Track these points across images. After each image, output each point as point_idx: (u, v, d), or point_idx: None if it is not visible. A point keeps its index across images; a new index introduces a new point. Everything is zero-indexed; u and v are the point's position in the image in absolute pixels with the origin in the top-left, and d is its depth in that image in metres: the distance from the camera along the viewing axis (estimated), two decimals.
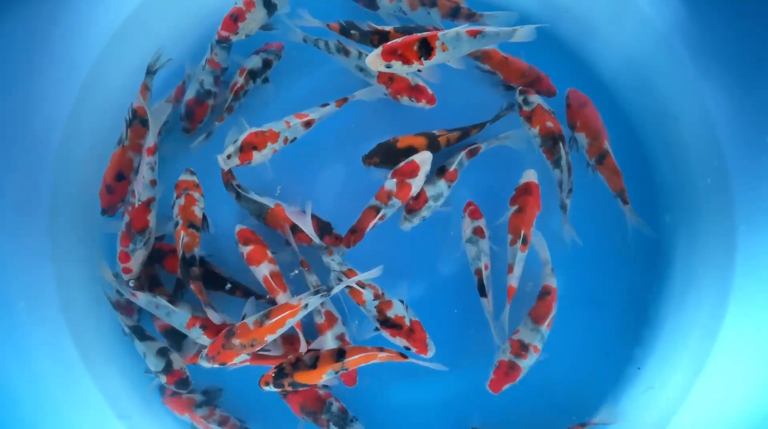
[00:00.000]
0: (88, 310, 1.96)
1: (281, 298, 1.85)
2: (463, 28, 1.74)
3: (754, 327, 1.83)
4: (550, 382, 1.96)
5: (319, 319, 1.88)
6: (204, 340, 1.83)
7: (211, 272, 1.94)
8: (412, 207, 1.95)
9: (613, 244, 2.03)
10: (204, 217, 1.92)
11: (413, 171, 1.90)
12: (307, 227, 1.89)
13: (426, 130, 2.01)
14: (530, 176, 1.96)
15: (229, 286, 1.94)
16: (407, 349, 1.83)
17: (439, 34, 1.73)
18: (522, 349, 1.84)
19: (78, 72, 2.05)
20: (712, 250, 1.97)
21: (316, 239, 1.89)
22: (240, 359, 1.76)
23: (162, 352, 1.84)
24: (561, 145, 1.95)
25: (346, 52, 2.05)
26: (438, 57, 1.75)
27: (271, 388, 1.74)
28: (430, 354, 1.83)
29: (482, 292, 1.89)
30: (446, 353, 1.88)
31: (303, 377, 1.72)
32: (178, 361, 1.85)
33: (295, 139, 1.97)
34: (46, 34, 1.95)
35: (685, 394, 1.88)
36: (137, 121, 1.95)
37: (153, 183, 1.88)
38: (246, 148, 1.89)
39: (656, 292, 2.04)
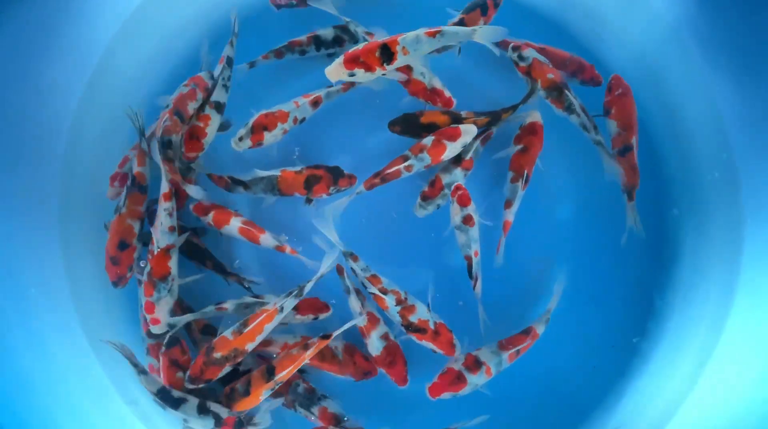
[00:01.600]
0: (96, 297, 1.98)
1: (265, 238, 1.91)
2: (421, 30, 1.77)
3: (761, 319, 1.83)
4: (555, 374, 1.98)
5: (362, 322, 1.88)
6: None
7: (195, 245, 1.97)
8: (428, 194, 1.95)
9: (620, 237, 2.03)
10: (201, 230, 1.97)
11: (453, 135, 1.88)
12: (332, 235, 1.90)
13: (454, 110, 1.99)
14: (535, 116, 1.97)
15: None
16: (433, 351, 1.85)
17: (399, 38, 1.76)
18: (475, 364, 1.82)
19: (88, 61, 2.05)
20: (720, 244, 1.97)
21: (340, 246, 1.90)
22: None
23: (203, 409, 1.75)
24: (567, 92, 1.95)
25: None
26: (399, 61, 1.79)
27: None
28: (456, 354, 1.86)
29: (471, 276, 1.89)
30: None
31: (242, 404, 1.74)
32: (221, 408, 1.77)
33: (304, 119, 1.98)
34: (57, 22, 1.95)
35: (691, 385, 1.89)
36: (136, 188, 1.92)
37: (171, 229, 1.85)
38: (257, 130, 1.92)
39: (663, 284, 2.05)
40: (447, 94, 2.00)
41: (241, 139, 1.93)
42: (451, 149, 1.89)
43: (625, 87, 1.99)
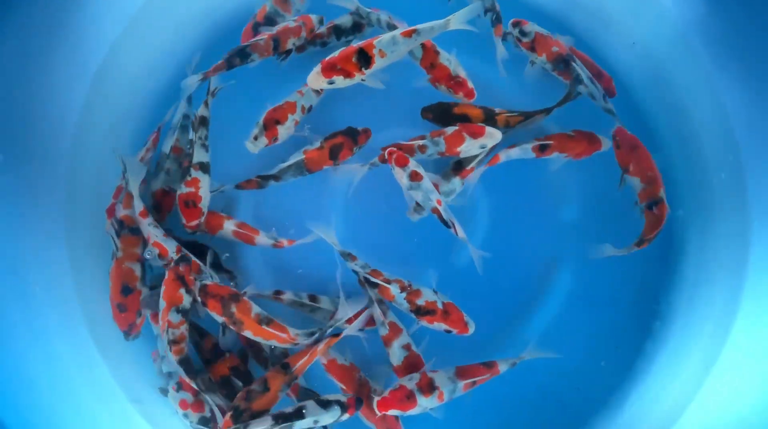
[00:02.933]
0: (101, 295, 1.96)
1: (260, 238, 1.94)
2: (398, 31, 1.77)
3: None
4: (559, 375, 1.97)
5: (384, 331, 1.87)
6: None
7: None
8: None
9: (624, 239, 2.02)
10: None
11: (476, 133, 1.87)
12: (331, 237, 1.92)
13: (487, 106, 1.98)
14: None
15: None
16: (447, 332, 1.84)
17: (375, 41, 1.75)
18: (429, 387, 1.75)
19: (93, 59, 2.05)
20: (726, 245, 1.97)
21: (337, 246, 1.91)
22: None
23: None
24: (574, 63, 1.95)
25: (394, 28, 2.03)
26: (378, 64, 1.78)
27: None
28: (471, 331, 1.85)
29: (447, 225, 1.85)
30: (455, 345, 1.91)
31: (260, 404, 1.73)
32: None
33: (311, 107, 1.98)
34: (62, 21, 1.95)
35: (696, 388, 1.88)
36: (126, 230, 1.89)
37: (166, 235, 1.86)
38: (269, 125, 1.91)
39: (668, 286, 2.04)
40: (470, 85, 1.97)
41: (256, 138, 1.92)
42: (469, 145, 1.87)
43: (633, 139, 1.96)
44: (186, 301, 1.80)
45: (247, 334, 1.79)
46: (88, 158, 2.03)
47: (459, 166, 1.96)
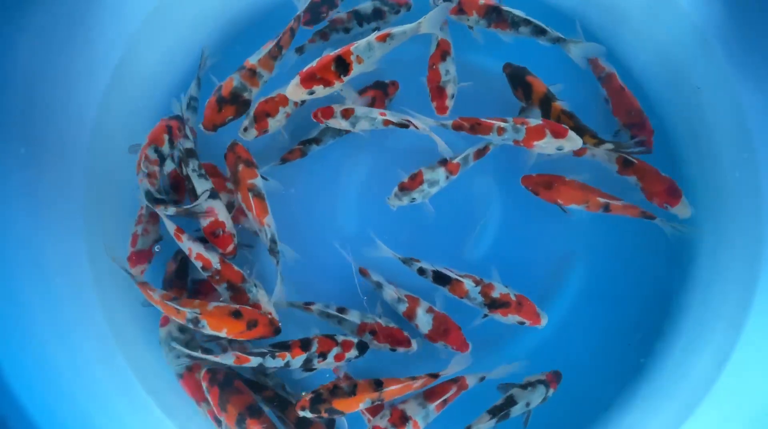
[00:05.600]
0: (118, 287, 1.99)
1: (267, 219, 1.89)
2: (372, 36, 1.79)
3: None
4: (569, 372, 1.97)
5: (403, 307, 1.90)
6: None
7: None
8: (406, 185, 1.95)
9: (636, 236, 2.03)
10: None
11: (558, 132, 1.83)
12: (386, 249, 1.95)
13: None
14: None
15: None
16: (521, 324, 1.87)
17: (352, 48, 1.78)
18: (401, 420, 1.76)
19: (112, 53, 2.07)
20: (739, 244, 1.97)
21: (395, 256, 1.94)
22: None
23: None
24: (504, 8, 1.95)
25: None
26: (355, 70, 1.80)
27: (307, 413, 1.74)
28: (543, 323, 1.88)
29: (405, 126, 1.87)
30: (472, 340, 1.92)
31: (342, 405, 1.74)
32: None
33: (304, 101, 1.96)
34: (81, 15, 1.97)
35: (708, 386, 1.89)
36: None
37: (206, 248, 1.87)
38: (260, 118, 1.92)
39: (680, 284, 2.05)
40: (447, 103, 1.97)
41: (245, 129, 1.93)
42: (548, 142, 1.84)
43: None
44: (166, 147, 1.91)
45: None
46: (106, 151, 2.05)
47: (445, 159, 1.96)
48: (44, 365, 1.79)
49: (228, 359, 1.74)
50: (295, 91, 1.80)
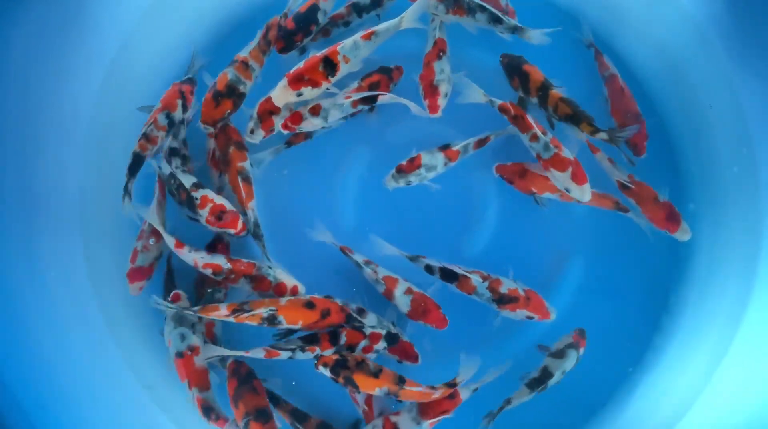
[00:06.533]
0: (114, 282, 1.98)
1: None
2: (358, 35, 1.80)
3: None
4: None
5: (381, 288, 1.90)
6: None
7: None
8: (404, 168, 1.95)
9: (634, 231, 2.02)
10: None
11: (578, 177, 1.80)
12: (389, 247, 1.95)
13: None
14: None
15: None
16: (530, 318, 1.86)
17: (338, 47, 1.78)
18: None
19: (108, 48, 2.05)
20: (738, 239, 1.97)
21: (400, 253, 1.94)
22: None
23: None
24: None
25: None
26: (342, 70, 1.81)
27: (326, 372, 1.72)
28: (553, 317, 1.87)
29: (372, 102, 1.89)
30: (463, 339, 1.94)
31: (361, 380, 1.71)
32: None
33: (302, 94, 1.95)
34: (77, 9, 1.96)
35: (706, 380, 1.89)
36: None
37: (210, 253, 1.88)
38: (264, 117, 1.91)
39: (679, 279, 2.04)
40: (440, 102, 1.94)
41: (252, 131, 1.92)
42: (562, 177, 1.80)
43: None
44: (178, 112, 1.90)
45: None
46: (102, 148, 2.04)
47: (446, 145, 1.96)
48: (39, 361, 1.78)
49: (258, 353, 1.74)
50: (282, 94, 1.79)
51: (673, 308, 2.03)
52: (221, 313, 1.74)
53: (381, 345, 1.80)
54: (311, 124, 1.90)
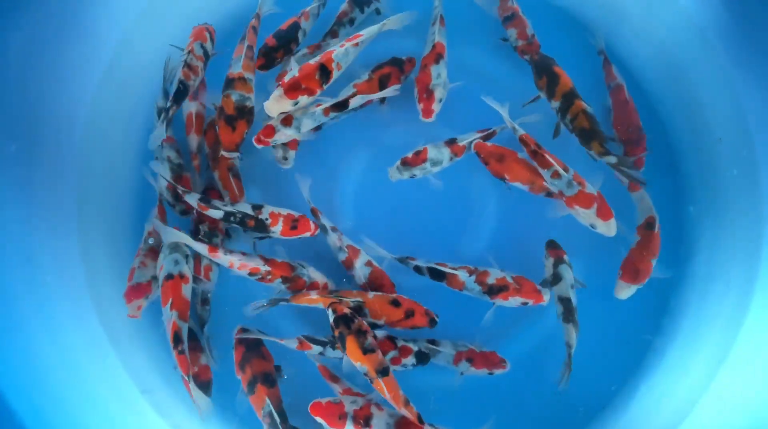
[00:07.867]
0: (112, 286, 1.97)
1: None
2: (348, 43, 1.83)
3: None
4: None
5: (343, 256, 1.91)
6: None
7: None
8: (409, 161, 1.94)
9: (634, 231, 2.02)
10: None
11: (604, 213, 1.80)
12: (379, 248, 1.96)
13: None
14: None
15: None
16: (524, 304, 1.85)
17: (333, 55, 1.80)
18: (364, 421, 1.72)
19: (106, 46, 2.05)
20: (738, 241, 1.97)
21: (391, 256, 1.95)
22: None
23: None
24: None
25: None
26: (335, 76, 1.83)
27: (330, 316, 1.71)
28: (546, 299, 1.86)
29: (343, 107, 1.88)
30: (462, 337, 1.92)
31: (351, 346, 1.67)
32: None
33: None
34: (75, 7, 1.95)
35: (707, 383, 1.88)
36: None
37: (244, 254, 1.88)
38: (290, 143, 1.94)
39: (678, 281, 2.04)
40: (434, 106, 1.95)
41: (285, 158, 1.98)
42: (586, 214, 1.79)
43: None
44: (209, 45, 1.96)
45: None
46: (99, 148, 2.03)
47: (452, 140, 1.95)
48: (35, 364, 1.77)
49: (291, 344, 1.80)
50: (277, 103, 1.77)
51: (674, 311, 2.03)
52: (312, 297, 1.80)
53: (410, 360, 1.81)
54: (285, 135, 1.88)
